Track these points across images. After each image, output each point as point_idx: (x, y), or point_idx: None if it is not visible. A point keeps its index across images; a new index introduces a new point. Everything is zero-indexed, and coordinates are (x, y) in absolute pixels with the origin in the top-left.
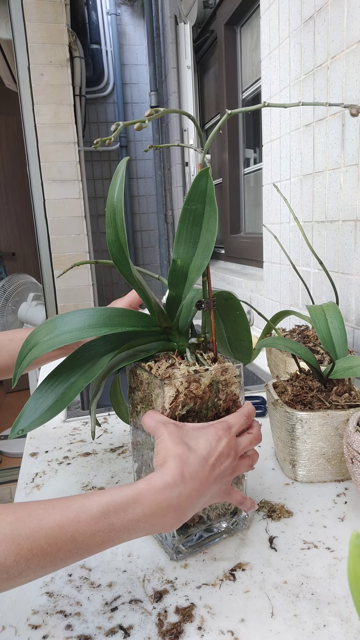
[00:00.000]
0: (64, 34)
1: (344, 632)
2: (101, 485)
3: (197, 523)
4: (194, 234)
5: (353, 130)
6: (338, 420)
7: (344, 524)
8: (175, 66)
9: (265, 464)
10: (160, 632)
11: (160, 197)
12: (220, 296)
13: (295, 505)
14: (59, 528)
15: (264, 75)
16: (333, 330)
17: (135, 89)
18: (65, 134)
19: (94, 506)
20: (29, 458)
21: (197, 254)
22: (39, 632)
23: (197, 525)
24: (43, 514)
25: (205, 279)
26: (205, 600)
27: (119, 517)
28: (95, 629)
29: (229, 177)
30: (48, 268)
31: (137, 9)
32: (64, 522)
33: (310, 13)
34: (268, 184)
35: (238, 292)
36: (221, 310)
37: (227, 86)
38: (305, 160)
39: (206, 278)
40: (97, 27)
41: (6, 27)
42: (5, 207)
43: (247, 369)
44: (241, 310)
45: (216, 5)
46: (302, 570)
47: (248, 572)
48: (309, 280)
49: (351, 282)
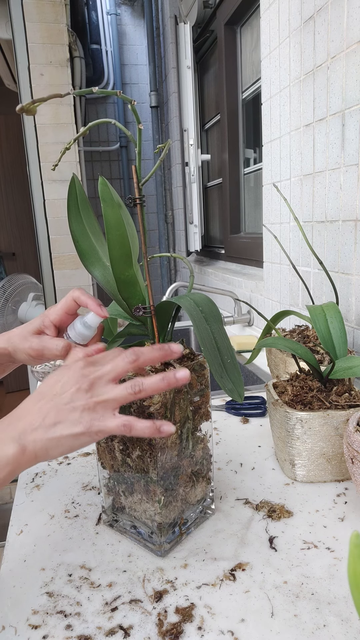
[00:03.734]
0: (64, 34)
1: (344, 632)
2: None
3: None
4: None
5: (353, 130)
6: (338, 420)
7: (344, 524)
8: (175, 66)
9: (265, 464)
10: (160, 632)
11: (160, 197)
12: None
13: (295, 505)
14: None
15: (264, 75)
16: (333, 330)
17: (135, 89)
18: (65, 134)
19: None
20: None
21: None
22: (39, 632)
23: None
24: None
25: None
26: (205, 600)
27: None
28: (95, 629)
29: (229, 177)
30: (48, 268)
31: (137, 9)
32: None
33: (310, 13)
34: (268, 184)
35: (238, 292)
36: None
37: (227, 86)
38: (305, 160)
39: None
40: (97, 27)
41: (6, 27)
42: (5, 207)
43: (247, 369)
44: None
45: (216, 5)
46: (302, 570)
47: (248, 572)
48: (309, 280)
49: (351, 282)
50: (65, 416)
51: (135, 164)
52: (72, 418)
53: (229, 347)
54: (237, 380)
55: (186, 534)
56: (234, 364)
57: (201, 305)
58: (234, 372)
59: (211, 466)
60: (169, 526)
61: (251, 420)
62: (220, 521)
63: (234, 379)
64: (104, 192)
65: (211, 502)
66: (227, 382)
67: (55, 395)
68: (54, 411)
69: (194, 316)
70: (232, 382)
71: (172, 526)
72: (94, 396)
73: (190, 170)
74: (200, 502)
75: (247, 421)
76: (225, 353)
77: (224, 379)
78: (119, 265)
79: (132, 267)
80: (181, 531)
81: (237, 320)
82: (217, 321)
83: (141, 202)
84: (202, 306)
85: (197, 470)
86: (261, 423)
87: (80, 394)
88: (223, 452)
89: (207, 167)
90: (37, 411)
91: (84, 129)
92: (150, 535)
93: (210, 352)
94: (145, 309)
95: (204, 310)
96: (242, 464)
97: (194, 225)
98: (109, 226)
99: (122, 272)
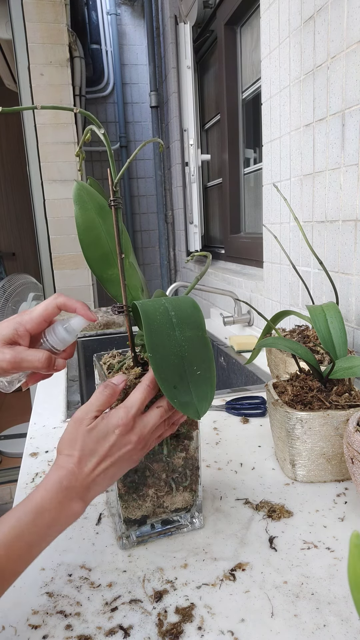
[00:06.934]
0: (64, 34)
1: (344, 632)
2: None
3: (153, 515)
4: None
5: (353, 130)
6: (338, 420)
7: (344, 524)
8: (175, 66)
9: (265, 464)
10: (160, 632)
11: (160, 197)
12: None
13: (295, 505)
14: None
15: (264, 75)
16: (333, 330)
17: (135, 89)
18: (65, 134)
19: (5, 538)
20: (29, 458)
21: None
22: (39, 632)
23: (152, 516)
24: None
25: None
26: (205, 600)
27: (32, 533)
28: (95, 629)
29: (229, 177)
30: (48, 268)
31: (137, 9)
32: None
33: (310, 13)
34: (268, 184)
35: (238, 292)
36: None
37: (227, 86)
38: (305, 160)
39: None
40: (97, 27)
41: (6, 27)
42: (5, 207)
43: (247, 369)
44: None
45: (216, 5)
46: (302, 570)
47: (248, 572)
48: (309, 280)
49: (351, 282)
50: (127, 469)
51: (109, 168)
52: (131, 467)
53: (206, 359)
54: (202, 394)
55: (166, 535)
56: (206, 376)
57: (176, 310)
58: (201, 385)
59: (199, 479)
60: (133, 522)
61: (251, 420)
62: (220, 521)
63: (199, 392)
64: (76, 194)
65: (197, 515)
66: (183, 395)
67: (120, 459)
68: (117, 471)
69: (151, 320)
70: (195, 394)
71: (137, 523)
72: (146, 448)
73: (190, 170)
74: (181, 512)
75: (247, 421)
76: (195, 364)
77: (177, 390)
78: (98, 265)
79: (114, 267)
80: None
81: (237, 320)
82: (193, 329)
83: (116, 205)
84: (176, 311)
85: (175, 478)
86: (261, 423)
87: (138, 454)
88: (223, 452)
89: (207, 167)
90: (107, 480)
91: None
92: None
93: (161, 360)
94: (121, 308)
95: (177, 316)
96: (242, 464)
97: (194, 225)
98: (78, 228)
99: (103, 272)
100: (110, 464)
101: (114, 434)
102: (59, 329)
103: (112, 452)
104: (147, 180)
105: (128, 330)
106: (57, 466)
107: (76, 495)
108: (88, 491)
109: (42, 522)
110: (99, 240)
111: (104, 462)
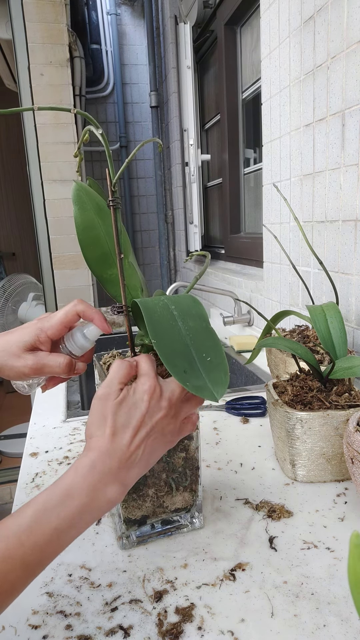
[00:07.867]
0: (64, 34)
1: (344, 632)
2: None
3: (153, 515)
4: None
5: (353, 130)
6: (338, 420)
7: (344, 524)
8: (175, 66)
9: (265, 464)
10: (160, 632)
11: (160, 197)
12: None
13: (295, 505)
14: (4, 562)
15: (264, 75)
16: (333, 330)
17: (135, 89)
18: (65, 134)
19: (30, 521)
20: (29, 458)
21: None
22: (39, 632)
23: (152, 516)
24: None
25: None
26: (205, 600)
27: (60, 518)
28: (95, 629)
29: (229, 177)
30: (48, 268)
31: (137, 9)
32: (9, 553)
33: (310, 13)
34: (268, 184)
35: (238, 292)
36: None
37: (227, 86)
38: (305, 160)
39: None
40: (97, 27)
41: (6, 27)
42: (5, 207)
43: (247, 369)
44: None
45: (216, 5)
46: (302, 570)
47: (248, 572)
48: (309, 280)
49: (351, 282)
50: (163, 449)
51: (108, 168)
52: (166, 448)
53: (214, 347)
54: (215, 379)
55: (166, 535)
56: (217, 362)
57: (175, 305)
58: (213, 371)
59: (199, 479)
60: (133, 522)
61: (251, 420)
62: (220, 521)
63: (212, 377)
64: (75, 195)
65: (197, 515)
66: (195, 379)
67: (154, 430)
68: (155, 445)
69: (151, 312)
70: (208, 379)
71: (137, 523)
72: (177, 418)
73: (190, 170)
74: (181, 512)
75: (247, 421)
76: (203, 351)
77: (188, 374)
78: (97, 265)
79: (113, 267)
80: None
81: (237, 320)
82: (196, 320)
83: (114, 205)
84: (176, 305)
85: (175, 478)
86: (261, 423)
87: (171, 424)
88: (223, 452)
89: (207, 167)
90: (146, 456)
91: (83, 136)
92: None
93: (165, 346)
94: (120, 308)
95: (177, 309)
96: (242, 464)
97: (194, 225)
98: (78, 228)
99: (102, 272)
100: (146, 434)
101: (143, 401)
102: (77, 336)
103: (146, 421)
104: (147, 180)
105: (128, 330)
106: (88, 448)
107: (113, 479)
108: (127, 471)
109: (72, 507)
110: (98, 240)
111: (139, 433)
